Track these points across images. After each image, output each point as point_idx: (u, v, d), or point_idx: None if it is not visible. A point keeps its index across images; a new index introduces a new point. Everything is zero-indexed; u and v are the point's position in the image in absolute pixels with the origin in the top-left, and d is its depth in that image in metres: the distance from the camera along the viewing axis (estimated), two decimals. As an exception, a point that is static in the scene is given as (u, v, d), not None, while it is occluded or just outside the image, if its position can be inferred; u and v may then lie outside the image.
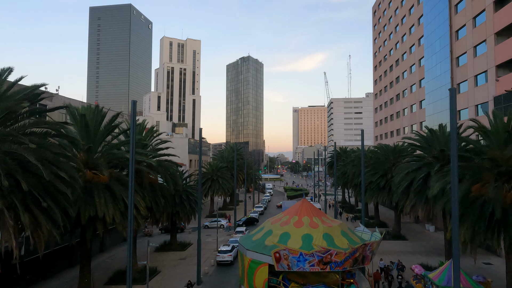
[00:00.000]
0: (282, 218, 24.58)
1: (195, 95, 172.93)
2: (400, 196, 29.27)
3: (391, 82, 68.18)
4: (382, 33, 74.86)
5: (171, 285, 27.51)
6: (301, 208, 24.16)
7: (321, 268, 19.73)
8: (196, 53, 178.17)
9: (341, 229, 22.99)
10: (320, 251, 19.58)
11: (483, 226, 18.93)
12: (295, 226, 22.56)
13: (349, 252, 19.81)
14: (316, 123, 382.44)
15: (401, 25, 62.37)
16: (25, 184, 12.66)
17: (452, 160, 13.31)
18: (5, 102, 13.42)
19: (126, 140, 25.17)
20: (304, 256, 19.57)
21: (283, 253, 19.74)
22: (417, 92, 54.57)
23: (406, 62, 59.99)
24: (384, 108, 72.57)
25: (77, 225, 20.61)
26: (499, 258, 31.94)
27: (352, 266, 20.46)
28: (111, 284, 27.67)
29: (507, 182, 19.80)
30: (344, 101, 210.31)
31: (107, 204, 20.60)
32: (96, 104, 23.24)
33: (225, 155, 75.46)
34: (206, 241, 42.70)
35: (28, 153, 13.38)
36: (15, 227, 13.15)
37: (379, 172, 40.64)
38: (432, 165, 26.07)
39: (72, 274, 31.01)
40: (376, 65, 79.30)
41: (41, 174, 14.31)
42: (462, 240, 19.65)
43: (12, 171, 12.73)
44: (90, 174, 21.59)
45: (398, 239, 40.68)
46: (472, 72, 38.19)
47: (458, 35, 41.80)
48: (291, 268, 19.92)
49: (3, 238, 12.92)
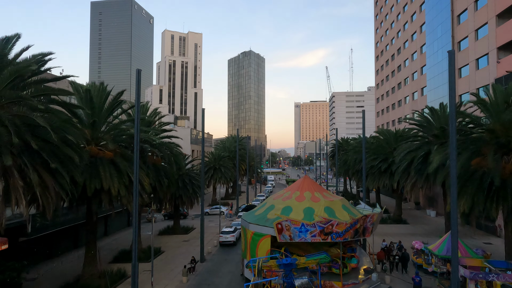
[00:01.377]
0: (284, 193, 24.99)
1: (196, 88, 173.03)
2: (401, 175, 29.56)
3: (392, 71, 68.19)
4: (383, 23, 74.73)
5: (175, 263, 28.00)
6: (303, 184, 24.54)
7: (323, 239, 20.10)
8: (197, 46, 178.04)
9: (342, 204, 23.37)
10: (321, 221, 19.94)
11: (482, 197, 19.21)
12: (297, 200, 22.95)
13: (350, 222, 20.16)
14: (318, 118, 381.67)
15: (403, 13, 62.28)
16: (34, 143, 13.01)
17: (450, 117, 13.58)
18: (14, 66, 13.78)
19: (130, 118, 25.51)
20: (305, 227, 19.94)
21: (285, 224, 20.11)
22: (419, 80, 54.64)
23: (408, 50, 59.98)
24: (386, 97, 72.63)
25: (83, 197, 21.01)
26: (499, 238, 32.26)
27: (353, 237, 20.82)
28: (116, 262, 28.17)
29: (506, 154, 20.06)
30: (346, 95, 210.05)
31: (112, 178, 20.96)
32: (101, 82, 23.52)
33: (227, 145, 75.82)
34: (209, 225, 43.15)
35: (37, 116, 13.74)
36: (24, 187, 13.52)
37: (381, 157, 40.88)
38: (433, 143, 26.32)
39: (78, 254, 31.52)
40: (378, 55, 79.23)
41: (49, 139, 14.69)
42: (461, 211, 19.93)
43: (22, 132, 13.09)
44: (95, 149, 21.94)
45: (399, 223, 41.03)
46: (474, 56, 38.27)
47: (459, 19, 41.82)
48: (293, 239, 20.29)
49: (13, 196, 13.30)
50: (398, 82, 64.83)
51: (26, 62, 14.49)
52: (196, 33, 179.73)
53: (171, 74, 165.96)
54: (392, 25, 68.79)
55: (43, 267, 28.48)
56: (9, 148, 12.87)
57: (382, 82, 75.78)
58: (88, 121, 21.75)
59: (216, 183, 65.59)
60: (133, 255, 15.45)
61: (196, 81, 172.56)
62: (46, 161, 14.09)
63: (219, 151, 70.75)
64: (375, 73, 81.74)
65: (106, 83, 23.97)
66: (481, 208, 19.24)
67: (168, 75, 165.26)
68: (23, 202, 13.37)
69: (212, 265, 27.50)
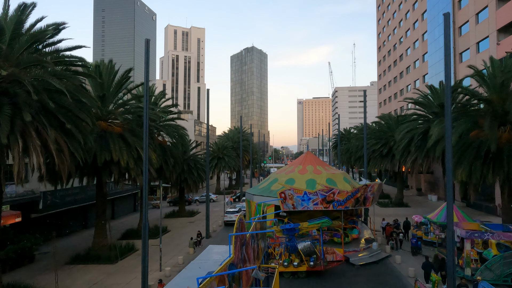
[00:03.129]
0: (287, 168, 25.74)
1: (199, 83, 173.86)
2: (401, 153, 30.17)
3: (395, 61, 68.56)
4: (386, 13, 75.02)
5: (181, 239, 28.85)
6: (305, 159, 25.27)
7: (324, 207, 20.81)
8: (200, 41, 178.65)
9: (344, 176, 24.10)
10: (323, 189, 20.66)
11: (480, 164, 19.84)
12: (300, 173, 23.68)
13: (351, 191, 20.87)
14: (320, 115, 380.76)
15: (405, 3, 62.57)
16: (51, 103, 13.79)
17: (446, 82, 14.22)
18: (31, 32, 14.56)
19: (137, 95, 26.28)
20: (308, 195, 20.65)
21: (288, 193, 20.83)
22: (421, 67, 55.05)
23: (409, 39, 60.35)
24: (388, 87, 73.04)
25: (94, 168, 21.84)
26: (499, 218, 32.80)
27: (354, 206, 21.52)
28: (124, 239, 29.03)
29: (503, 125, 20.67)
30: (348, 90, 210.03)
31: (121, 151, 21.76)
32: (110, 60, 24.29)
33: (230, 135, 76.57)
34: (214, 210, 43.95)
35: (54, 79, 14.52)
36: (41, 146, 14.30)
37: (382, 141, 41.46)
38: (432, 120, 26.90)
39: (87, 234, 32.41)
40: (380, 46, 79.55)
41: (63, 104, 15.49)
42: (460, 179, 20.59)
43: (40, 92, 13.86)
44: (104, 124, 22.77)
45: (401, 206, 41.63)
46: (474, 40, 38.70)
47: (460, 4, 42.20)
48: (296, 207, 21.02)
49: (31, 155, 14.08)
50: (400, 71, 65.22)
51: (42, 29, 15.26)
52: (199, 28, 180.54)
53: (174, 69, 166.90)
54: (394, 14, 69.10)
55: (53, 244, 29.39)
56: (28, 107, 13.64)
57: (384, 72, 76.15)
58: (98, 95, 22.51)
59: (220, 172, 66.45)
60: (144, 214, 16.21)
61: (199, 76, 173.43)
62: (61, 125, 14.89)
63: (222, 141, 71.57)
64: (377, 64, 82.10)
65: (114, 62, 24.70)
66: (478, 175, 19.86)
67: (171, 70, 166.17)
68: (41, 160, 14.13)
69: (217, 240, 28.30)
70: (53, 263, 18.78)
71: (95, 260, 22.71)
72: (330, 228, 22.66)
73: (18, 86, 14.20)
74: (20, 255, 22.65)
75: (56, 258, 18.78)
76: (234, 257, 7.27)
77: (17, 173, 13.59)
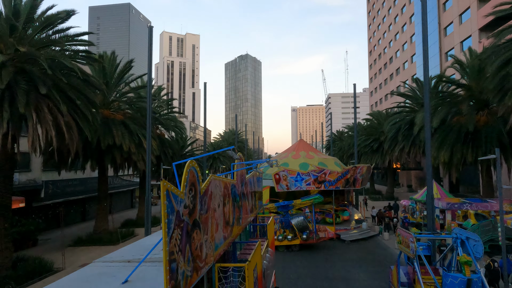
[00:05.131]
0: (281, 155, 27.01)
1: (194, 88, 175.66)
2: (390, 142, 31.68)
3: (385, 64, 70.74)
4: (376, 18, 77.51)
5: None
6: (298, 145, 26.60)
7: (316, 187, 22.06)
8: (195, 47, 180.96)
9: (335, 161, 25.42)
10: (315, 170, 21.94)
11: (460, 145, 21.33)
12: (293, 158, 24.98)
13: (342, 172, 22.17)
14: (314, 122, 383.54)
15: (393, 7, 64.99)
16: (64, 79, 14.98)
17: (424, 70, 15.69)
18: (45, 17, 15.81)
19: (138, 86, 27.49)
20: (301, 176, 21.91)
21: (282, 174, 22.07)
22: (409, 68, 57.09)
23: (398, 41, 62.56)
24: (379, 90, 75.11)
25: (97, 152, 22.90)
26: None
27: (344, 187, 22.79)
28: (124, 227, 29.91)
29: (481, 109, 22.26)
30: (341, 96, 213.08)
31: (124, 136, 22.90)
32: (112, 51, 25.53)
33: (226, 137, 77.85)
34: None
35: (65, 58, 15.74)
36: (53, 120, 15.43)
37: (373, 137, 43.03)
38: (418, 111, 28.47)
39: (86, 225, 33.18)
40: (371, 50, 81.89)
41: (73, 83, 16.67)
42: (442, 160, 22.02)
43: (53, 69, 15.04)
44: (107, 112, 23.93)
45: (391, 200, 43.00)
46: (458, 39, 40.72)
47: (445, 6, 44.37)
48: (290, 188, 22.24)
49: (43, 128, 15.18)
50: (390, 73, 67.33)
51: (54, 14, 16.51)
52: (193, 34, 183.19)
53: (169, 75, 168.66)
54: (384, 19, 71.51)
55: (54, 233, 30.16)
56: (42, 83, 14.80)
57: (375, 75, 78.32)
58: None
59: (215, 172, 67.58)
60: (146, 190, 17.29)
61: (194, 82, 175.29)
62: (71, 102, 16.06)
63: (218, 142, 72.81)
64: (368, 68, 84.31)
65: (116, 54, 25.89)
66: (459, 155, 21.33)
67: (167, 75, 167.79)
68: (52, 133, 15.24)
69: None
70: (61, 237, 19.72)
71: (97, 242, 23.63)
72: (322, 210, 23.93)
73: (32, 65, 15.39)
74: (24, 238, 23.46)
75: (63, 234, 19.70)
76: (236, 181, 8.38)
77: (31, 143, 14.70)
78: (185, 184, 4.92)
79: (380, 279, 14.88)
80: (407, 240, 11.18)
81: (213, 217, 6.27)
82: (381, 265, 16.76)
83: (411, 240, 10.76)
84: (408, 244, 11.01)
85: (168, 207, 4.29)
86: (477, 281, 9.11)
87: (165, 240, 4.12)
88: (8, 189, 16.44)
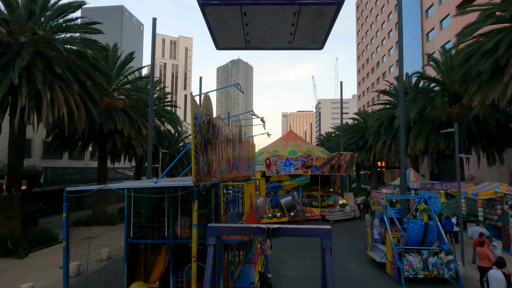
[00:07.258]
0: (271, 144, 28.81)
1: (186, 90, 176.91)
2: (373, 136, 33.81)
3: (372, 68, 73.58)
4: (364, 25, 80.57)
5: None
6: (288, 136, 28.47)
7: (304, 172, 23.90)
8: (188, 50, 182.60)
9: (321, 150, 27.34)
10: (302, 156, 23.80)
11: (434, 135, 23.48)
12: (283, 146, 26.82)
13: (327, 158, 24.08)
14: (305, 127, 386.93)
15: (381, 14, 68.01)
16: (77, 61, 16.56)
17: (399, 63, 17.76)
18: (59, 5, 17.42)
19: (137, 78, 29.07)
20: (290, 161, 23.72)
21: (272, 159, 23.85)
22: (394, 73, 59.79)
23: (385, 47, 65.43)
24: (366, 93, 77.85)
25: (99, 136, 24.36)
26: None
27: (329, 172, 24.68)
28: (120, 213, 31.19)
29: (454, 104, 24.50)
30: (331, 102, 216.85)
31: (124, 122, 24.42)
32: (114, 44, 27.10)
33: (217, 137, 79.38)
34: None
35: (78, 43, 17.32)
36: (64, 99, 16.95)
37: (358, 134, 45.24)
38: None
39: (81, 213, 34.25)
40: (359, 55, 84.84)
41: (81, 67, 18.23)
42: (418, 149, 24.14)
43: (68, 52, 16.62)
44: (108, 100, 25.42)
45: (376, 195, 45.20)
46: (439, 44, 43.41)
47: (427, 13, 47.18)
48: (279, 172, 24.02)
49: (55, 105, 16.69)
50: (377, 77, 70.12)
51: (67, 3, 18.10)
52: (186, 37, 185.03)
53: (162, 76, 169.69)
54: (371, 25, 74.52)
55: (52, 217, 31.26)
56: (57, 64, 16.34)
57: (363, 80, 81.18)
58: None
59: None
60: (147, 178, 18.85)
61: (186, 84, 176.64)
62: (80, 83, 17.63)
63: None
64: (356, 72, 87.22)
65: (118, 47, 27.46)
66: (434, 144, 23.46)
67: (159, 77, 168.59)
68: (64, 110, 16.75)
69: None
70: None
71: (97, 223, 24.93)
72: (309, 194, 25.73)
73: (47, 48, 16.93)
74: (26, 217, 24.63)
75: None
76: (236, 133, 10.18)
77: (45, 119, 16.21)
78: (204, 106, 6.71)
79: (357, 244, 16.76)
80: (379, 199, 13.06)
81: (219, 147, 8.04)
82: (360, 237, 18.62)
83: (382, 198, 12.65)
84: (380, 202, 12.89)
85: (195, 116, 6.06)
86: (433, 225, 11.00)
87: (193, 135, 5.90)
88: (20, 163, 17.78)
